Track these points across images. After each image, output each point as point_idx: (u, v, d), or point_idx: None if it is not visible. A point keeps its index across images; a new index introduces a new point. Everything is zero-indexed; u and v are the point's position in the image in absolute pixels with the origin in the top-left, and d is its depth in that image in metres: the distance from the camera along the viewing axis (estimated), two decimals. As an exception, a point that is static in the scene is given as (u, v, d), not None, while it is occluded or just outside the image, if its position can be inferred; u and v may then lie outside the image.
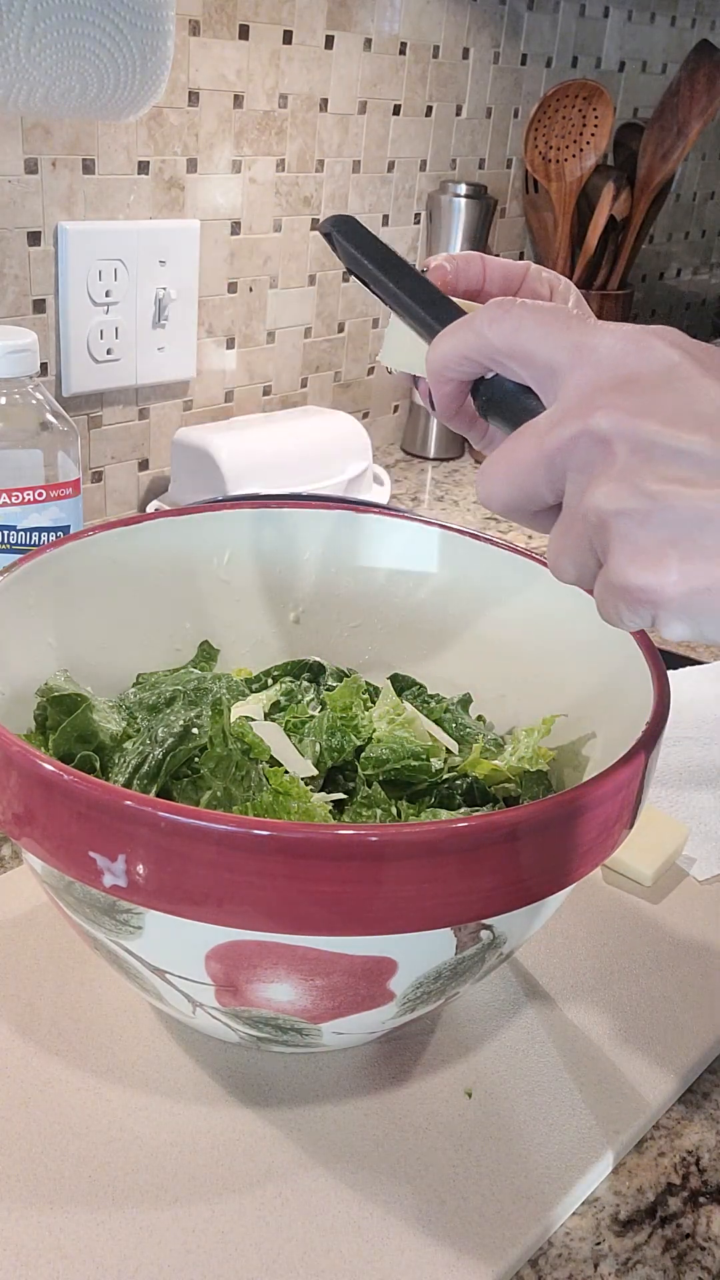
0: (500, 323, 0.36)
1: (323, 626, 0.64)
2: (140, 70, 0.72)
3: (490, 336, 0.36)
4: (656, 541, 0.31)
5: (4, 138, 0.87)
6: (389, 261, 0.43)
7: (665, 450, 0.31)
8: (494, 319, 0.36)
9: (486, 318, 0.36)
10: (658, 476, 0.31)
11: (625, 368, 0.33)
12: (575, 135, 1.27)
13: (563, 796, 0.40)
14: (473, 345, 0.37)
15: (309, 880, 0.37)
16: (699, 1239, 0.46)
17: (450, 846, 0.38)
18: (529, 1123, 0.49)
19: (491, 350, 0.36)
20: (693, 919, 0.62)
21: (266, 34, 1.01)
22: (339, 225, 0.44)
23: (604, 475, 0.32)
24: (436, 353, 0.38)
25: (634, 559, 0.31)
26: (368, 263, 0.43)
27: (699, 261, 1.78)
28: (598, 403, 0.33)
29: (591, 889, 0.63)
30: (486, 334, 0.36)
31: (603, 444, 0.32)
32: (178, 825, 0.37)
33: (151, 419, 1.07)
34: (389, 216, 1.22)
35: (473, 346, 0.37)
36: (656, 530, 0.31)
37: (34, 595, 0.53)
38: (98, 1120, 0.48)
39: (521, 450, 0.35)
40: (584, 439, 0.33)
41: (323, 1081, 0.50)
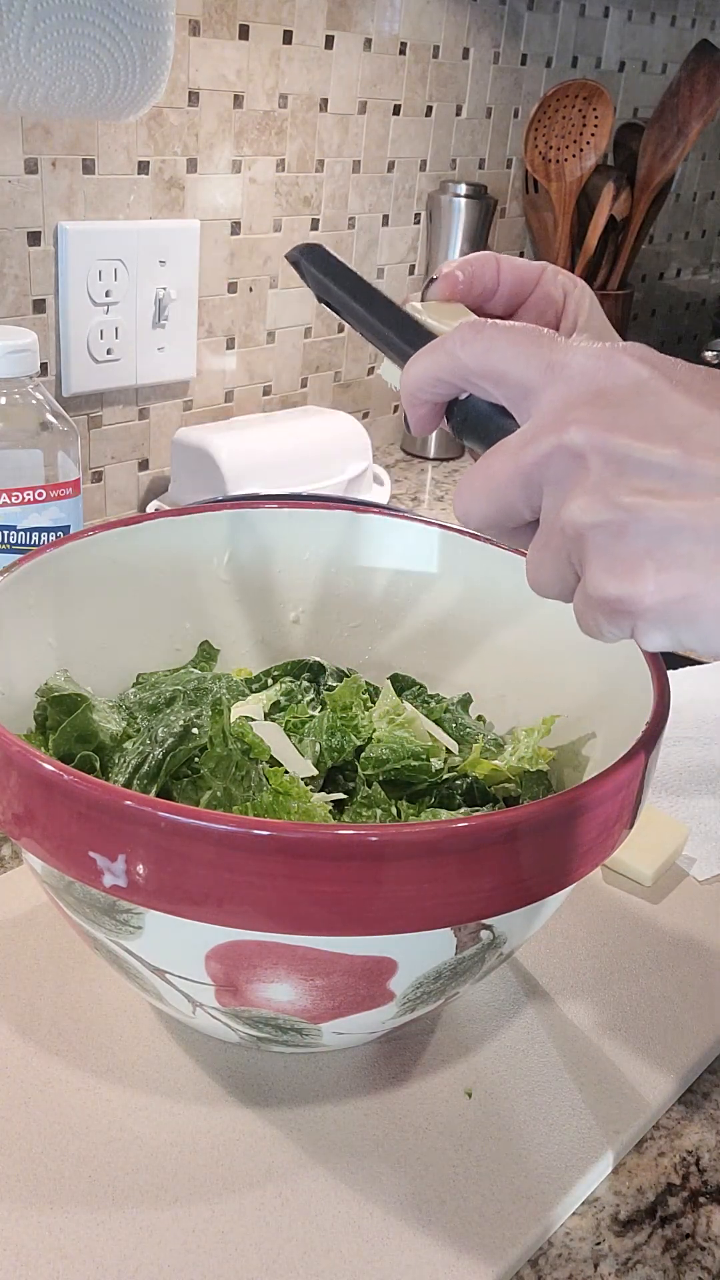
0: (472, 344, 0.36)
1: (323, 626, 0.64)
2: (140, 70, 0.72)
3: (463, 357, 0.37)
4: (632, 552, 0.32)
5: (4, 138, 0.87)
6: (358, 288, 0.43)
7: (638, 463, 0.32)
8: (466, 340, 0.37)
9: (458, 339, 0.37)
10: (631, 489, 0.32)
11: (596, 383, 0.34)
12: (575, 135, 1.27)
13: (563, 796, 0.40)
14: (446, 367, 0.37)
15: (309, 880, 0.37)
16: (699, 1239, 0.46)
17: (450, 846, 0.38)
18: (529, 1123, 0.49)
19: (465, 371, 0.37)
20: (693, 919, 0.62)
21: (266, 34, 1.01)
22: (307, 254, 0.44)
23: (579, 488, 0.33)
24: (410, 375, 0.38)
25: (610, 570, 0.32)
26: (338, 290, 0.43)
27: (699, 261, 1.78)
28: (571, 417, 0.33)
29: (591, 889, 0.63)
30: (459, 355, 0.37)
31: (577, 458, 0.33)
32: (178, 825, 0.37)
33: (151, 419, 1.07)
34: (389, 216, 1.22)
35: (446, 368, 0.37)
36: (632, 541, 0.32)
37: (34, 595, 0.53)
38: (98, 1120, 0.48)
39: (497, 466, 0.35)
40: (558, 453, 0.33)
41: (323, 1081, 0.50)
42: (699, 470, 0.32)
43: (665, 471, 0.32)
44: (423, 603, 0.62)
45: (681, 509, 0.31)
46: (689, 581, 0.31)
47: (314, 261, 0.44)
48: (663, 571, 0.31)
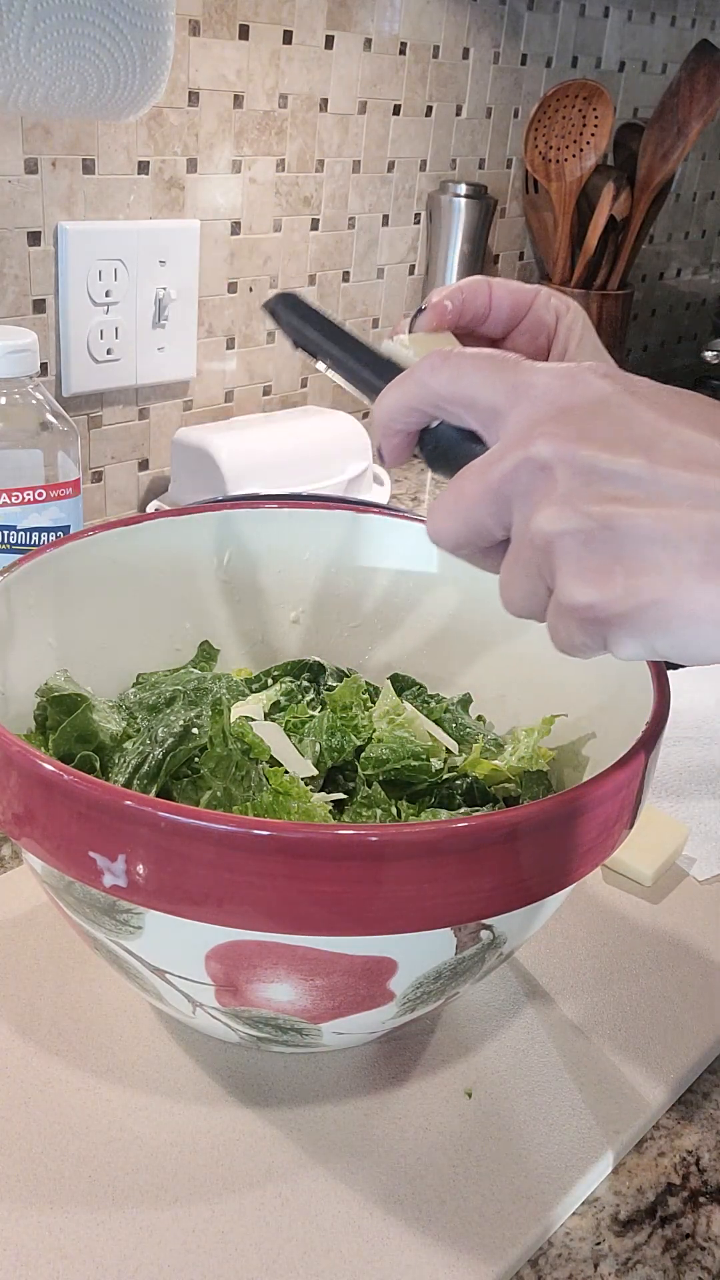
0: (440, 371, 0.37)
1: (323, 626, 0.64)
2: (140, 70, 0.72)
3: (432, 385, 0.37)
4: (601, 559, 0.32)
5: (4, 138, 0.87)
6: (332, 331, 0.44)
7: (604, 472, 0.32)
8: (434, 368, 0.38)
9: (427, 367, 0.38)
10: (599, 497, 0.32)
11: (561, 400, 0.35)
12: (575, 135, 1.27)
13: (563, 796, 0.40)
14: (416, 395, 0.38)
15: (309, 880, 0.37)
16: (699, 1239, 0.46)
17: (450, 846, 0.38)
18: (529, 1123, 0.49)
19: (435, 398, 0.38)
20: (693, 919, 0.62)
21: (266, 34, 1.01)
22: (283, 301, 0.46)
23: (547, 499, 0.33)
24: (382, 406, 0.39)
25: (580, 576, 0.32)
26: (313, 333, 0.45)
27: (699, 261, 1.78)
28: (537, 432, 0.34)
29: (591, 889, 0.63)
30: (428, 383, 0.38)
31: (544, 470, 0.33)
32: (178, 825, 0.37)
33: (151, 419, 1.07)
34: (389, 216, 1.22)
35: (416, 396, 0.38)
36: (600, 548, 0.32)
37: (34, 595, 0.53)
38: (98, 1120, 0.48)
39: (467, 486, 0.36)
40: (526, 466, 0.34)
41: (323, 1081, 0.50)
42: (665, 479, 0.32)
43: (632, 480, 0.32)
44: (423, 603, 0.62)
45: (649, 515, 0.32)
46: (658, 587, 0.31)
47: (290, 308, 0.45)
48: (632, 577, 0.32)
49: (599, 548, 0.32)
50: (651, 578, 0.31)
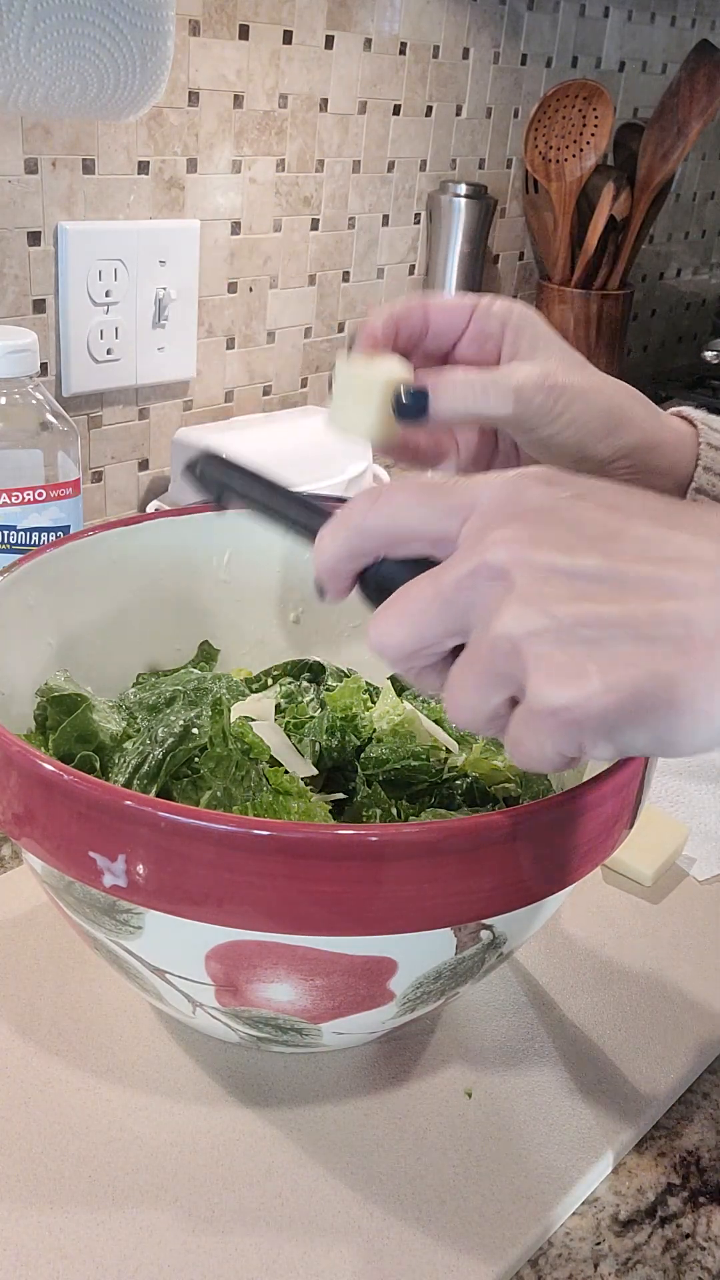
0: (375, 512, 0.36)
1: (323, 626, 0.64)
2: (140, 70, 0.72)
3: (369, 527, 0.36)
4: (573, 657, 0.31)
5: (4, 138, 0.87)
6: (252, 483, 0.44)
7: (563, 573, 0.32)
8: (366, 511, 0.36)
9: (359, 511, 0.37)
10: (560, 598, 0.32)
11: (508, 510, 0.34)
12: (575, 135, 1.27)
13: (563, 796, 0.40)
14: (354, 539, 0.37)
15: (309, 880, 0.37)
16: (699, 1239, 0.46)
17: (450, 846, 0.38)
18: (529, 1123, 0.49)
19: (374, 538, 0.37)
20: (693, 919, 0.62)
21: (266, 34, 1.01)
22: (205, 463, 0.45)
23: (507, 601, 0.32)
24: (322, 557, 0.38)
25: (553, 677, 0.31)
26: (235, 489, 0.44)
27: (699, 261, 1.78)
28: (490, 540, 0.33)
29: (591, 889, 0.63)
30: (365, 525, 0.36)
31: (500, 576, 0.33)
32: (178, 825, 0.37)
33: (151, 419, 1.07)
34: (389, 216, 1.22)
35: (354, 540, 0.37)
36: (570, 646, 0.31)
37: (34, 595, 0.53)
38: (98, 1120, 0.48)
39: (417, 592, 0.34)
40: (482, 573, 0.33)
41: (323, 1081, 0.50)
42: (627, 573, 0.32)
43: (593, 578, 0.32)
44: (423, 603, 0.62)
45: (617, 610, 0.31)
46: (636, 680, 0.31)
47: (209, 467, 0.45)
48: (607, 672, 0.31)
49: (570, 647, 0.31)
50: (628, 671, 0.31)
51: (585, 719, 0.31)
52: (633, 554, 0.32)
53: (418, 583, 0.35)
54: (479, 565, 0.33)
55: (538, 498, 0.34)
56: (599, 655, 0.31)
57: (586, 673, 0.31)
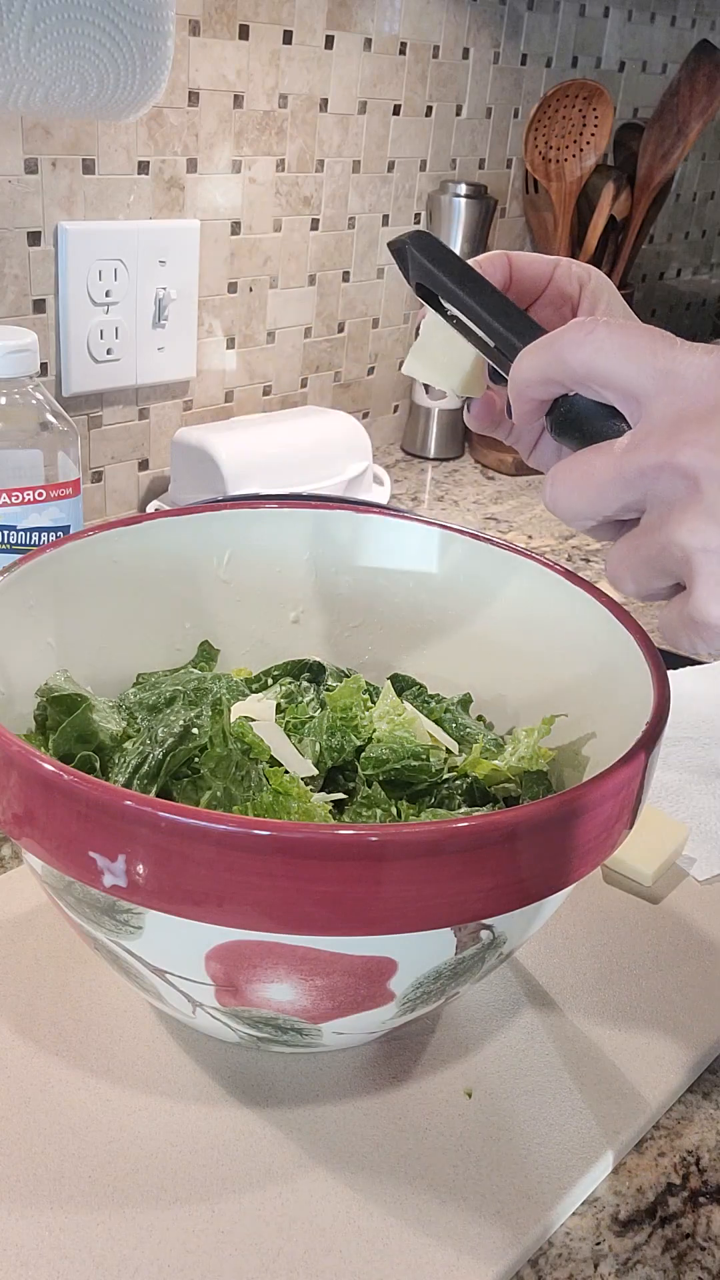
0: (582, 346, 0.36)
1: (323, 626, 0.64)
2: (140, 70, 0.72)
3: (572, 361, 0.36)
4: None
5: (4, 138, 0.87)
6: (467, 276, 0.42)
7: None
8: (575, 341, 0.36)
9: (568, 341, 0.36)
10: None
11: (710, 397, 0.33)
12: (575, 135, 1.27)
13: (563, 796, 0.40)
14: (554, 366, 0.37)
15: (309, 880, 0.37)
16: (699, 1239, 0.46)
17: (450, 846, 0.38)
18: (529, 1123, 0.49)
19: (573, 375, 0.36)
20: (693, 919, 0.62)
21: (266, 34, 1.01)
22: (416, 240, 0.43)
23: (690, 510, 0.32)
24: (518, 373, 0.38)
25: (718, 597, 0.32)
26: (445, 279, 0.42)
27: (699, 261, 1.78)
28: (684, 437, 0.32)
29: (591, 889, 0.63)
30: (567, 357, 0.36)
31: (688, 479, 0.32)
32: (178, 825, 0.37)
33: (151, 419, 1.07)
34: (389, 216, 1.22)
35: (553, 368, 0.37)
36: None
37: (34, 595, 0.53)
38: (98, 1120, 0.48)
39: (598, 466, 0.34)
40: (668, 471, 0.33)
41: (323, 1081, 0.50)
42: None
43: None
44: (423, 603, 0.62)
45: None
46: None
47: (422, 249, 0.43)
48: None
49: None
50: None
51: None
52: None
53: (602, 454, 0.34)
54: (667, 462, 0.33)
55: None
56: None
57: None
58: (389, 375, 1.32)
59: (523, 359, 0.38)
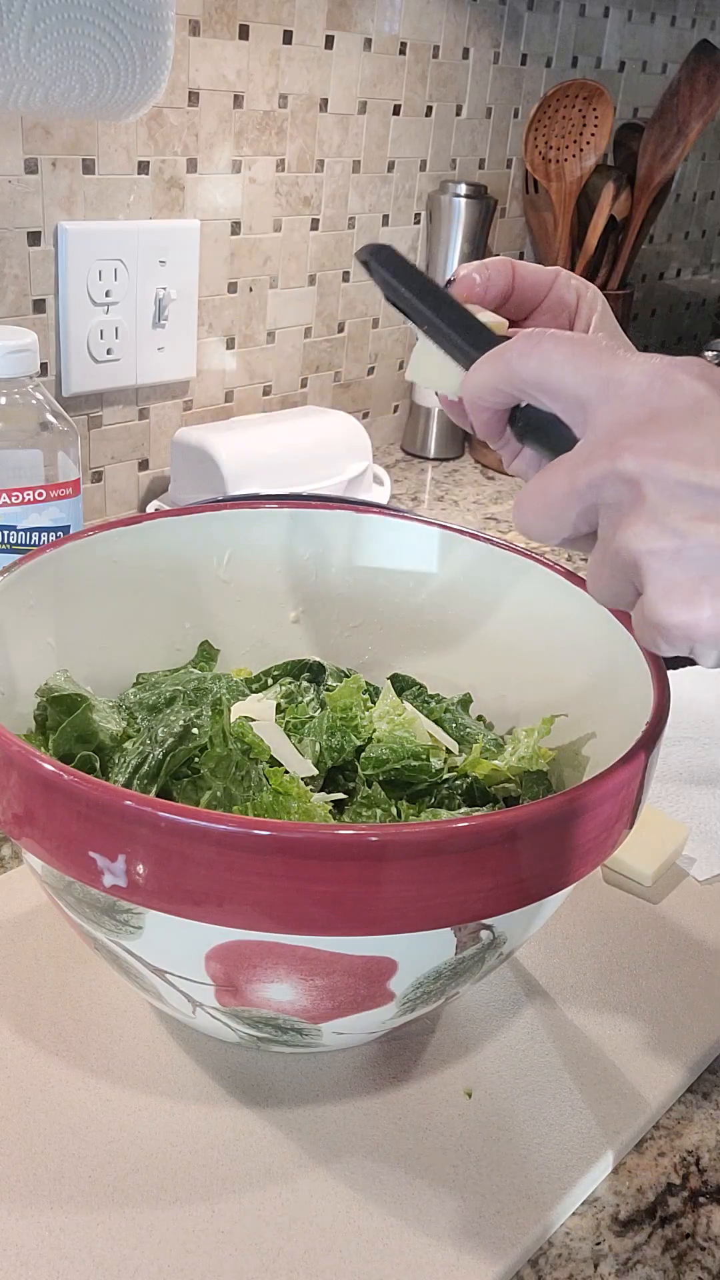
0: (529, 356, 0.37)
1: (323, 626, 0.64)
2: (140, 70, 0.72)
3: (519, 369, 0.37)
4: (689, 579, 0.32)
5: (4, 138, 0.87)
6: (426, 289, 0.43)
7: (693, 489, 0.32)
8: (522, 352, 0.37)
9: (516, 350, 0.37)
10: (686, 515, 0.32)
11: (651, 404, 0.34)
12: (575, 135, 1.27)
13: (563, 796, 0.40)
14: (503, 377, 0.37)
15: (309, 880, 0.37)
16: (699, 1239, 0.46)
17: (450, 846, 0.38)
18: (529, 1123, 0.49)
19: (521, 383, 0.37)
20: (693, 919, 0.62)
21: (266, 34, 1.01)
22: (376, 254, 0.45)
23: (634, 515, 0.33)
24: (471, 383, 0.39)
25: (667, 596, 0.32)
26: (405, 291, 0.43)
27: (699, 261, 1.78)
28: (625, 443, 0.33)
29: (591, 889, 0.63)
30: (516, 367, 0.37)
31: (631, 484, 0.33)
32: (178, 825, 0.37)
33: (151, 419, 1.07)
34: (389, 216, 1.22)
35: (503, 378, 0.37)
36: (688, 567, 0.32)
37: (34, 595, 0.53)
38: (98, 1120, 0.48)
39: (554, 485, 0.35)
40: (612, 478, 0.33)
41: (323, 1081, 0.50)
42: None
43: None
44: (423, 603, 0.62)
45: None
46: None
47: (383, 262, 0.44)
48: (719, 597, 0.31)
49: (686, 567, 0.32)
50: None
51: (695, 637, 0.32)
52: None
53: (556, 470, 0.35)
54: (610, 471, 0.33)
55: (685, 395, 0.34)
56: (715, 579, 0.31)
57: (699, 596, 0.32)
58: (389, 375, 1.32)
59: (475, 370, 0.39)
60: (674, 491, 0.32)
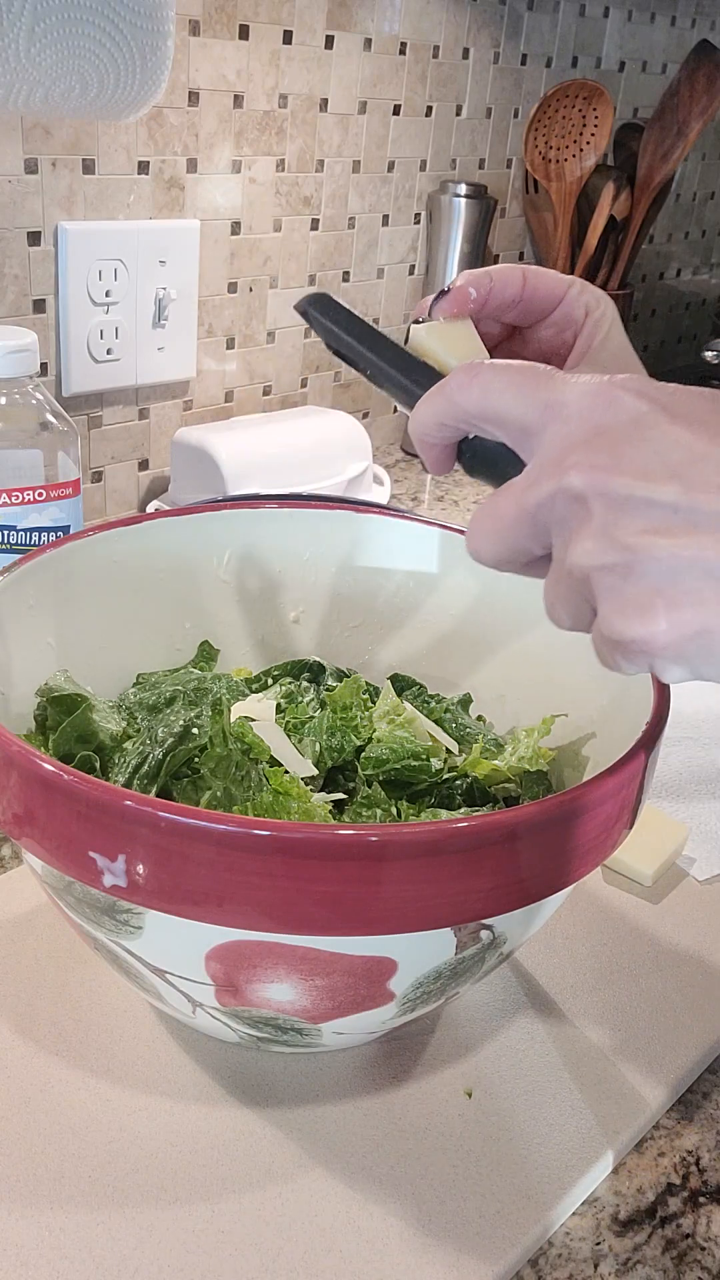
0: (469, 388, 0.37)
1: (323, 626, 0.64)
2: (140, 70, 0.72)
3: (461, 402, 0.37)
4: (641, 592, 0.32)
5: (4, 138, 0.87)
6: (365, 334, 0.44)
7: (639, 502, 0.32)
8: (462, 385, 0.37)
9: (455, 384, 0.37)
10: (634, 529, 0.32)
11: (594, 421, 0.34)
12: (575, 135, 1.27)
13: (563, 796, 0.40)
14: (446, 411, 0.38)
15: (309, 880, 0.37)
16: (699, 1239, 0.46)
17: (450, 846, 0.38)
18: (529, 1123, 0.49)
19: (464, 415, 0.37)
20: (693, 919, 0.62)
21: (266, 34, 1.01)
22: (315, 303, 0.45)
23: (583, 532, 0.33)
24: (416, 420, 0.39)
25: (621, 611, 0.32)
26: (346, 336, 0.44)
27: (699, 261, 1.78)
28: (570, 461, 0.33)
29: (591, 889, 0.63)
30: (457, 400, 0.37)
31: (578, 501, 0.33)
32: (178, 825, 0.37)
33: (151, 419, 1.07)
34: (389, 216, 1.22)
35: (446, 412, 0.38)
36: (640, 581, 0.32)
37: (34, 595, 0.53)
38: (98, 1120, 0.48)
39: (503, 508, 0.35)
40: (560, 497, 0.33)
41: (323, 1081, 0.50)
42: (701, 506, 0.31)
43: (667, 509, 0.32)
44: (423, 603, 0.62)
45: (686, 545, 0.31)
46: (702, 618, 0.31)
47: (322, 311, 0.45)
48: (674, 610, 0.31)
49: (638, 580, 0.32)
50: (694, 609, 0.31)
51: (652, 651, 0.32)
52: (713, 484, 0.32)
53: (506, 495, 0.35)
54: (558, 489, 0.33)
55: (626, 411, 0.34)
56: (668, 590, 0.31)
57: (653, 609, 0.31)
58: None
59: (418, 407, 0.39)
60: (621, 506, 0.32)
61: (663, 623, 0.31)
